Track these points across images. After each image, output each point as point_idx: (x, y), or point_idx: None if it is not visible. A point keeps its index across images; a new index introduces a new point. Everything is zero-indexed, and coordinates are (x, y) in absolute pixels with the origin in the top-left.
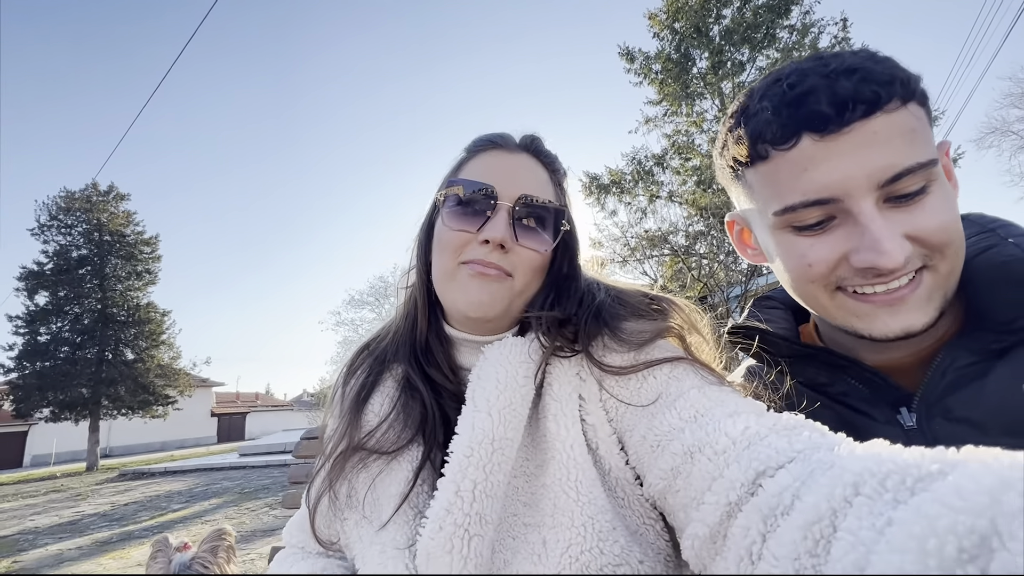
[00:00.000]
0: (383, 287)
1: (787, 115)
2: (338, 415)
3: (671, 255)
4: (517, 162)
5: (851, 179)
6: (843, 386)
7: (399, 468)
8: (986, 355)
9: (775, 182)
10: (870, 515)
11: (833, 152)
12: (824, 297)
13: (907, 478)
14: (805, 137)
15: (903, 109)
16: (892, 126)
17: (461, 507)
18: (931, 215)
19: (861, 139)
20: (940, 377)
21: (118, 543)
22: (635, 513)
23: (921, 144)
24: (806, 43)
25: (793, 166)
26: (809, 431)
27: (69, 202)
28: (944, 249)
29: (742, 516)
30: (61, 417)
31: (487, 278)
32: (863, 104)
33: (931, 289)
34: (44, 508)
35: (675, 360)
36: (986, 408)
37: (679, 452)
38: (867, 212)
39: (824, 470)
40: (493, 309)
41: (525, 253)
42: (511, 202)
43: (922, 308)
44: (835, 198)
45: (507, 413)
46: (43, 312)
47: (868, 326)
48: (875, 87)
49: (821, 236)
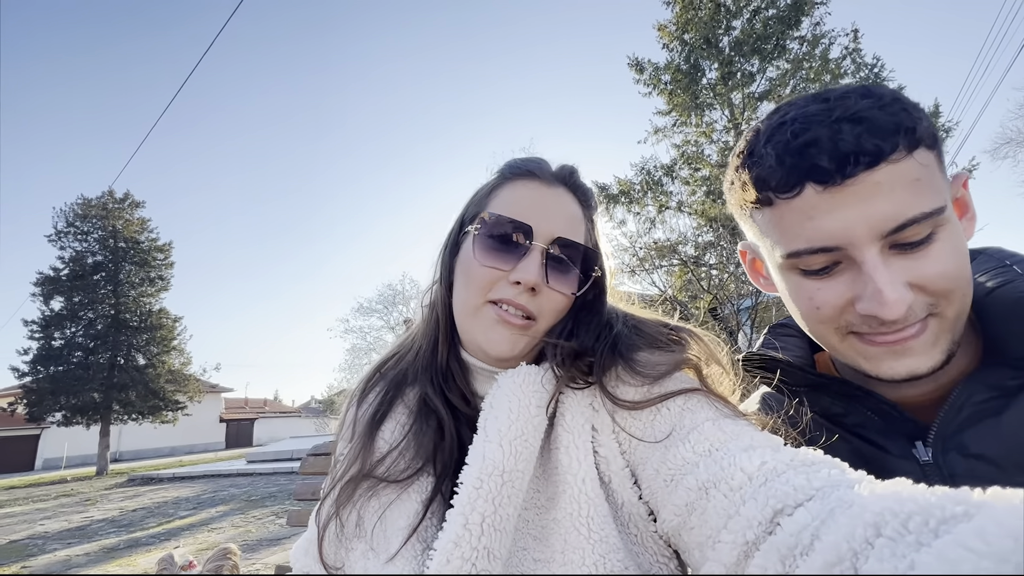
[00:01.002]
0: (392, 295)
1: (790, 164)
2: (349, 438)
3: (680, 265)
4: (553, 198)
5: (854, 229)
6: (858, 417)
7: (408, 499)
8: (1003, 391)
9: (781, 228)
10: (892, 557)
11: (837, 203)
12: (834, 339)
13: (930, 519)
14: (808, 187)
15: (908, 158)
16: (896, 176)
17: (469, 541)
18: (936, 263)
19: (864, 190)
20: (956, 412)
21: (125, 550)
22: (648, 551)
23: (927, 193)
24: (816, 54)
25: (798, 214)
26: (828, 468)
27: (86, 209)
28: (950, 296)
29: (759, 556)
30: (73, 421)
31: (512, 327)
32: (866, 157)
33: (937, 334)
34: (54, 513)
35: (689, 392)
36: (1003, 444)
37: (693, 487)
38: (870, 261)
39: (844, 509)
40: (512, 353)
41: (553, 295)
42: (546, 243)
43: (928, 352)
44: (839, 246)
45: (518, 444)
46: (58, 317)
47: (875, 368)
48: (877, 141)
49: (827, 281)
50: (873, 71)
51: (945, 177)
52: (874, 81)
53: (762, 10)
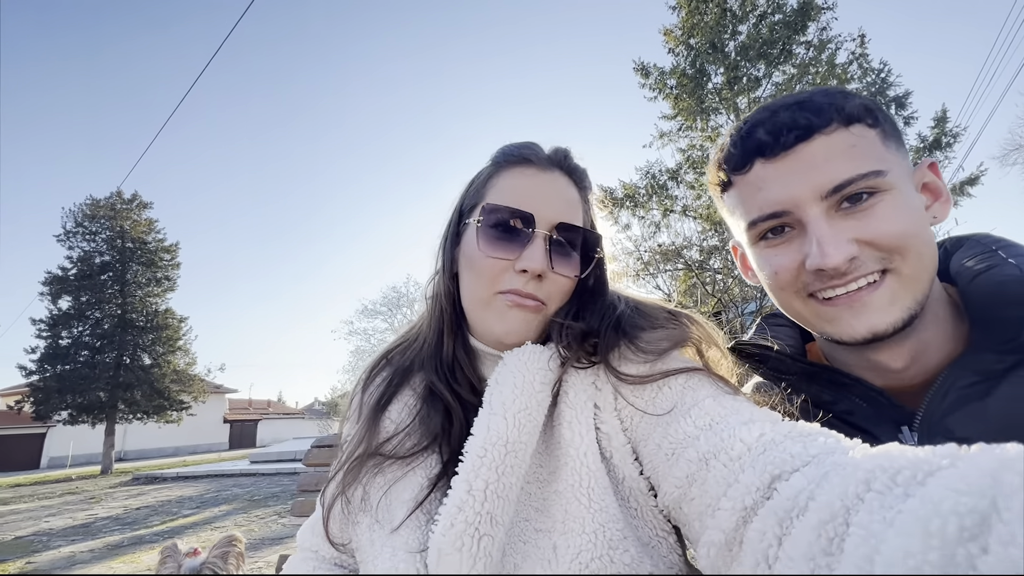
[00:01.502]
0: (396, 297)
1: (741, 146)
2: (355, 421)
3: (685, 270)
4: (550, 182)
5: (797, 192)
6: (847, 404)
7: (414, 475)
8: (988, 375)
9: (741, 203)
10: (881, 508)
11: (781, 172)
12: (798, 304)
13: (918, 472)
14: (756, 162)
15: (843, 130)
16: (831, 146)
17: (472, 506)
18: (881, 220)
19: (803, 159)
20: (942, 397)
21: (129, 547)
22: (647, 524)
23: (863, 158)
24: (823, 59)
25: (751, 187)
26: (824, 437)
27: (94, 209)
28: (903, 252)
29: (757, 520)
30: (78, 420)
31: (525, 309)
32: (796, 130)
33: (894, 291)
34: (59, 510)
35: (691, 371)
36: (988, 429)
37: (694, 459)
38: (813, 220)
39: (838, 471)
40: (528, 336)
41: (559, 280)
42: (548, 229)
43: (885, 309)
44: (786, 210)
45: (522, 417)
46: (65, 316)
47: (837, 329)
48: (808, 115)
49: (782, 246)
50: (880, 76)
51: (893, 154)
52: (880, 86)
53: (768, 15)
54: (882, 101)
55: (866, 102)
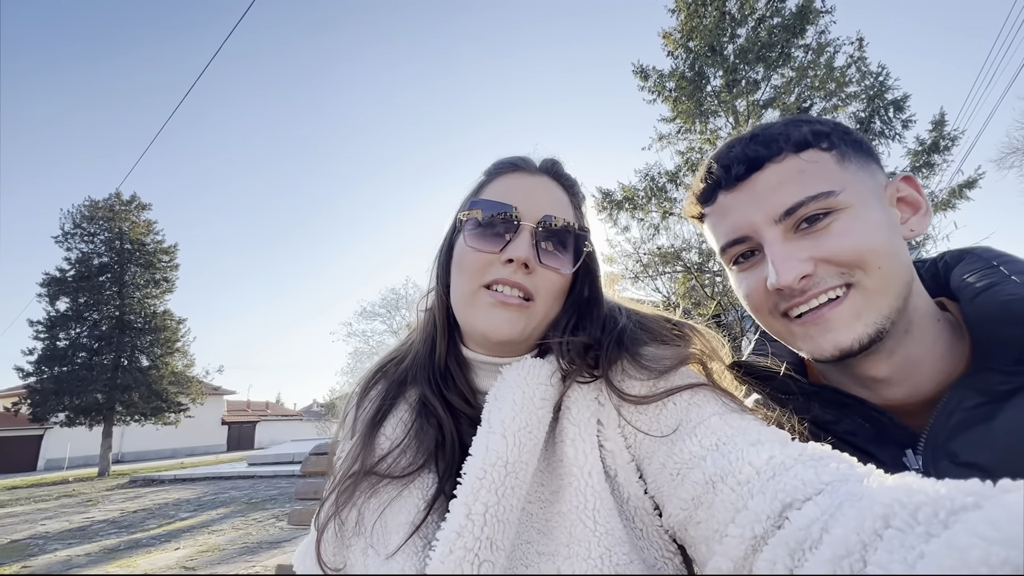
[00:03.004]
0: (395, 299)
1: (706, 180)
2: (349, 437)
3: (684, 272)
4: (538, 184)
5: (753, 217)
6: (849, 424)
7: (409, 495)
8: (994, 396)
9: (713, 231)
10: (901, 548)
11: (740, 200)
12: (775, 323)
13: (940, 511)
14: (719, 194)
15: (793, 157)
16: (782, 172)
17: (472, 531)
18: (837, 237)
19: (757, 187)
20: (946, 418)
21: (125, 551)
22: (653, 546)
23: (813, 181)
24: (821, 62)
25: (718, 217)
26: (837, 462)
27: (93, 211)
28: (863, 266)
29: (768, 550)
30: (76, 422)
31: (508, 307)
32: (746, 162)
33: (858, 307)
34: (56, 513)
35: (696, 387)
36: (994, 452)
37: (700, 481)
38: (768, 242)
39: (853, 502)
40: (514, 333)
41: (547, 274)
42: (534, 223)
43: (849, 325)
44: (747, 235)
45: (522, 436)
46: (63, 318)
47: (808, 347)
48: (758, 147)
49: (750, 270)
50: (878, 79)
51: (852, 174)
52: (879, 89)
53: (767, 18)
54: (880, 104)
55: (820, 128)
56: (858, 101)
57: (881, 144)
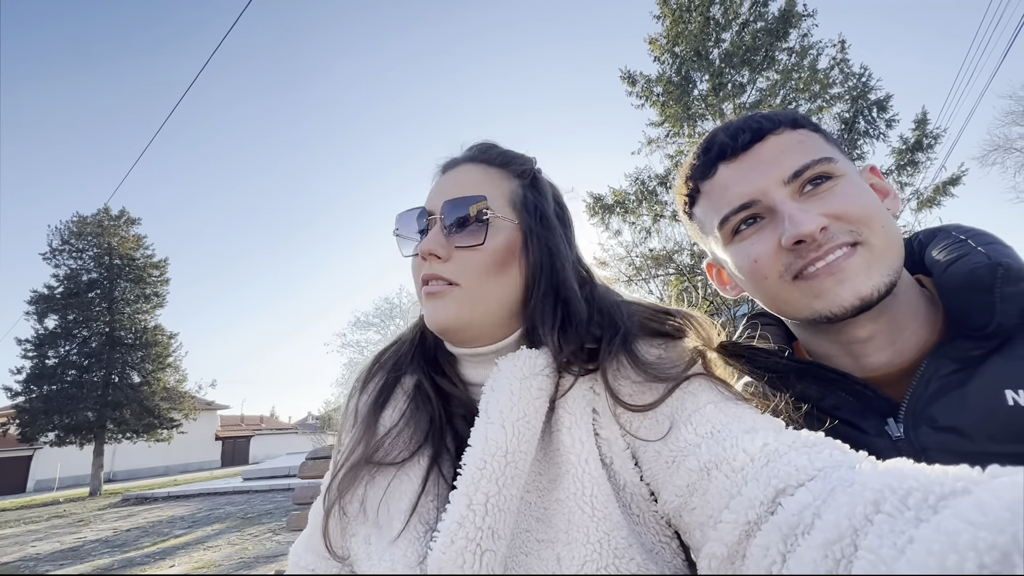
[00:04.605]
0: (389, 309)
1: (704, 156)
2: (351, 426)
3: (676, 274)
4: (452, 175)
5: (762, 182)
6: (834, 399)
7: (408, 480)
8: (967, 362)
9: (711, 207)
10: (891, 533)
11: (744, 170)
12: (784, 290)
13: (929, 496)
14: (720, 166)
15: (792, 131)
16: (783, 143)
17: (473, 521)
18: (843, 197)
19: (761, 156)
20: (924, 386)
21: (119, 570)
22: (650, 530)
23: (812, 151)
24: (805, 65)
25: (718, 189)
26: (830, 449)
27: (81, 227)
28: (870, 224)
29: (761, 535)
30: (66, 441)
31: (436, 295)
32: (750, 132)
33: (868, 260)
34: (46, 534)
35: (691, 376)
36: (970, 415)
37: (695, 468)
38: (780, 201)
39: (845, 488)
40: (449, 319)
41: (464, 254)
42: (438, 212)
43: (865, 274)
44: (754, 199)
45: (521, 425)
46: (52, 335)
47: (825, 302)
48: (760, 121)
49: (756, 235)
50: (861, 80)
51: (839, 153)
52: (862, 90)
53: (751, 23)
54: (864, 105)
55: (805, 116)
56: (842, 102)
57: (866, 143)
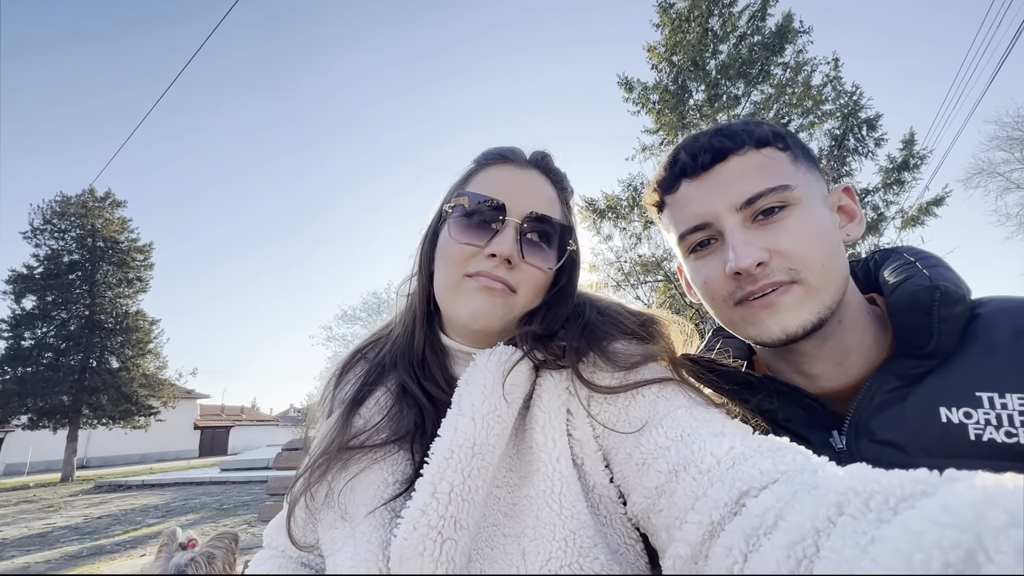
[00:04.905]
0: (376, 303)
1: (670, 169)
2: (326, 417)
3: (664, 282)
4: (526, 178)
5: (715, 205)
6: (787, 412)
7: (380, 471)
8: (909, 379)
9: (672, 220)
10: (854, 534)
11: (702, 189)
12: (728, 313)
13: (890, 498)
14: (682, 182)
15: (755, 152)
16: (744, 165)
17: (436, 509)
18: (789, 232)
19: (720, 177)
20: (868, 401)
21: (88, 557)
22: (616, 532)
23: (771, 175)
24: (799, 80)
25: (679, 205)
26: (793, 454)
27: (64, 207)
28: (807, 262)
29: (724, 536)
30: (39, 425)
31: (492, 292)
32: (711, 153)
33: (802, 297)
34: (14, 519)
35: (664, 381)
36: (906, 430)
37: (664, 470)
38: (729, 229)
39: (808, 491)
40: (494, 322)
41: (530, 271)
42: (519, 218)
43: (794, 311)
44: (707, 222)
45: (491, 419)
46: (29, 316)
47: (757, 331)
48: (723, 139)
49: (708, 257)
50: (852, 99)
51: (804, 175)
52: (852, 108)
53: (748, 36)
54: (854, 123)
55: (777, 129)
56: (833, 119)
57: (854, 161)
